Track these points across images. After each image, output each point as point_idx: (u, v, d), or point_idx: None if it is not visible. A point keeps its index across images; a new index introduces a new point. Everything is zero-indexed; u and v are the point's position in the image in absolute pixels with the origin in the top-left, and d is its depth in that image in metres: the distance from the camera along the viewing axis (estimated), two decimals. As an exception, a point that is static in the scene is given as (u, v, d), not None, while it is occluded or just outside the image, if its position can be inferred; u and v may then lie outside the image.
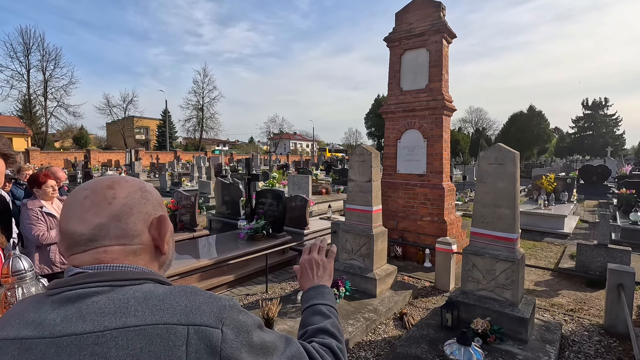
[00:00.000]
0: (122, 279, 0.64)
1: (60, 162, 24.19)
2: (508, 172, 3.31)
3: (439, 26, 5.72)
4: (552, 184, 9.33)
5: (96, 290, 0.62)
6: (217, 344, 0.60)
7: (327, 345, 0.81)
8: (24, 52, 35.11)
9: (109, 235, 0.67)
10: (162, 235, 0.74)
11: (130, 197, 0.71)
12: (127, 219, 0.69)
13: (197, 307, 0.62)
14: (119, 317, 0.58)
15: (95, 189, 0.69)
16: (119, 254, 0.68)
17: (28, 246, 3.26)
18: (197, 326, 0.60)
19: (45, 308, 0.62)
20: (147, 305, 0.60)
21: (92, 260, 0.67)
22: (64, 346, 0.56)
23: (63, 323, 0.58)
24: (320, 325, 0.87)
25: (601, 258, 4.96)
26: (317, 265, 1.04)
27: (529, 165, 25.75)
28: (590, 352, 3.31)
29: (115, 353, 0.55)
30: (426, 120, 5.97)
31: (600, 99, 52.47)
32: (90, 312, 0.59)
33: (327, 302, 0.95)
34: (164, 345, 0.57)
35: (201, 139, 50.07)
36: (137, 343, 0.56)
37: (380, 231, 4.49)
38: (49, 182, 3.25)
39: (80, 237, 0.67)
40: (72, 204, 0.69)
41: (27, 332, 0.59)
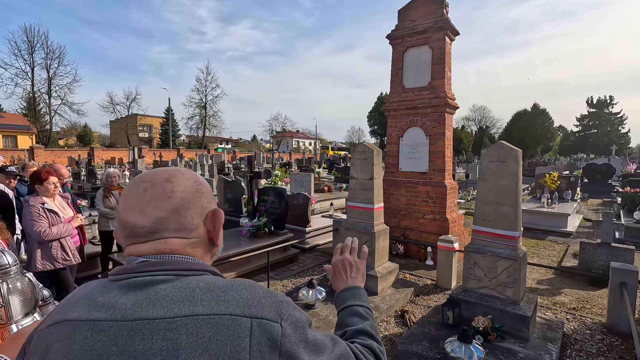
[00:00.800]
0: (185, 269, 0.67)
1: (64, 159, 24.33)
2: (510, 169, 3.30)
3: (442, 23, 5.69)
4: (556, 182, 9.28)
5: (162, 279, 0.64)
6: (278, 338, 0.62)
7: (369, 346, 0.82)
8: (28, 50, 35.38)
9: (168, 228, 0.69)
10: (217, 228, 0.76)
11: (187, 190, 0.72)
12: (185, 213, 0.70)
13: (258, 301, 0.65)
14: (187, 305, 0.61)
15: (154, 182, 0.71)
16: (177, 246, 0.70)
17: (30, 242, 3.28)
18: (260, 319, 0.62)
19: (113, 292, 0.64)
20: (212, 295, 0.63)
21: (152, 250, 0.69)
22: (137, 329, 0.59)
23: (134, 307, 0.61)
24: (360, 327, 0.88)
25: (604, 257, 4.93)
26: (351, 266, 1.04)
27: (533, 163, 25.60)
28: (592, 350, 3.30)
29: (185, 339, 0.58)
30: (428, 118, 5.95)
31: (605, 97, 52.10)
32: (159, 299, 0.61)
33: (363, 304, 0.96)
34: (230, 335, 0.59)
35: (204, 136, 50.19)
36: (205, 331, 0.59)
37: (381, 229, 4.49)
38: (50, 178, 3.27)
39: (141, 230, 0.68)
40: (131, 196, 0.70)
41: (99, 314, 0.61)
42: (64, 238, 3.31)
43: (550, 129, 46.09)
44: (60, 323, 0.62)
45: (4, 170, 4.10)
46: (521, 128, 44.81)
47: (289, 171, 15.88)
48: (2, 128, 32.86)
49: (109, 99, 45.50)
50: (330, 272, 1.07)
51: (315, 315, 3.64)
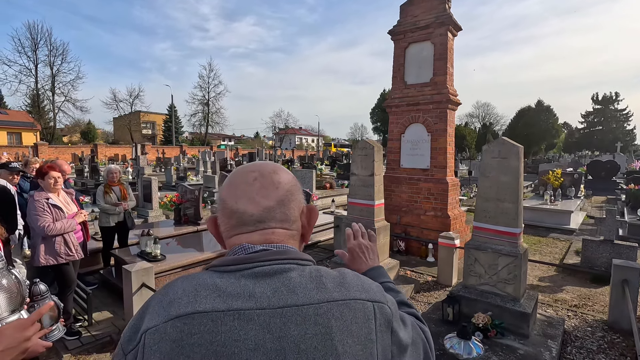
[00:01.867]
0: (300, 259, 0.69)
1: (68, 156, 24.45)
2: (511, 166, 3.28)
3: (444, 18, 5.64)
4: (559, 179, 9.22)
5: (289, 267, 0.66)
6: (390, 318, 0.68)
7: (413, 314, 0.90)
8: (32, 47, 35.50)
9: (275, 218, 0.71)
10: (311, 224, 0.78)
11: (290, 183, 0.74)
12: (289, 205, 0.73)
13: (369, 286, 0.70)
14: (323, 292, 0.64)
15: (263, 173, 0.72)
16: (283, 237, 0.72)
17: (34, 237, 3.31)
18: (377, 302, 0.68)
19: (242, 282, 0.63)
20: (336, 282, 0.67)
21: (262, 240, 0.70)
22: (289, 316, 0.60)
23: (276, 295, 0.62)
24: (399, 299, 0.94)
25: (607, 254, 4.90)
26: (367, 249, 1.10)
27: (537, 160, 25.46)
28: (592, 347, 3.29)
29: (335, 323, 0.61)
30: (430, 114, 5.92)
31: (611, 93, 51.52)
32: (296, 286, 0.63)
33: (391, 281, 1.04)
34: (363, 317, 0.64)
35: (207, 133, 50.26)
36: (347, 315, 0.63)
37: (382, 225, 4.48)
38: (51, 173, 3.28)
39: (250, 218, 0.69)
40: (240, 184, 0.71)
41: (240, 303, 0.60)
42: (68, 233, 3.33)
43: (554, 125, 45.69)
44: (189, 316, 0.59)
45: (7, 166, 4.13)
46: (525, 125, 44.46)
47: (291, 168, 15.88)
48: (7, 125, 33.06)
49: (112, 95, 45.63)
50: (345, 258, 1.12)
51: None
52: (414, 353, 0.74)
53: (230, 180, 0.74)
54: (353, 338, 0.61)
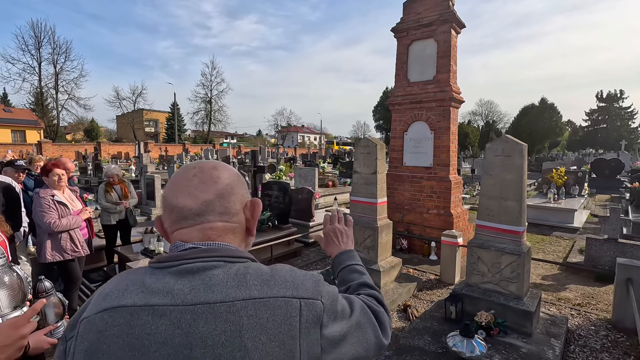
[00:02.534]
0: (231, 256, 0.70)
1: (72, 154, 24.58)
2: (515, 164, 3.26)
3: (448, 16, 5.61)
4: (563, 177, 9.16)
5: (213, 265, 0.67)
6: (321, 313, 0.69)
7: (372, 295, 0.94)
8: (36, 45, 35.58)
9: (214, 211, 0.73)
10: (255, 217, 0.80)
11: (231, 178, 0.77)
12: (229, 198, 0.75)
13: (301, 282, 0.71)
14: (242, 290, 0.65)
15: (202, 169, 0.75)
16: (222, 231, 0.73)
17: (40, 234, 3.34)
18: (306, 299, 0.68)
19: (166, 279, 0.66)
20: (262, 280, 0.68)
21: (200, 236, 0.72)
22: (200, 313, 0.62)
23: (192, 292, 0.64)
24: (361, 281, 1.01)
25: (611, 252, 4.88)
26: (341, 233, 1.16)
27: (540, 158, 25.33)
28: (596, 346, 3.28)
29: (247, 321, 0.62)
30: (433, 112, 5.89)
31: (616, 91, 51.11)
32: (215, 284, 0.65)
33: (360, 263, 1.09)
34: (284, 315, 0.65)
35: (209, 131, 50.32)
36: (263, 312, 0.64)
37: (385, 223, 4.48)
38: (55, 170, 3.31)
39: (189, 212, 0.71)
40: (180, 181, 0.74)
41: (157, 299, 0.63)
42: (73, 230, 3.36)
43: (558, 123, 45.36)
44: (114, 309, 0.64)
45: (12, 164, 4.16)
46: (528, 123, 44.17)
47: (293, 166, 15.89)
48: (11, 123, 33.24)
49: (115, 94, 45.75)
50: (321, 242, 1.19)
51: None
52: (360, 337, 0.76)
53: (171, 178, 0.77)
54: (268, 335, 0.62)
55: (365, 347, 0.77)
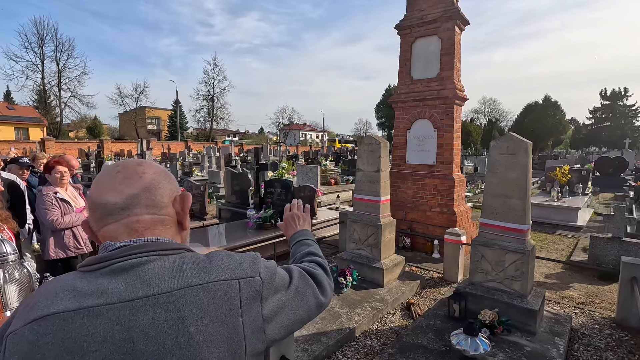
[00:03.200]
0: (165, 249, 0.71)
1: (75, 151, 24.64)
2: (520, 162, 3.24)
3: (452, 13, 5.57)
4: (566, 175, 9.12)
5: (148, 259, 0.68)
6: (260, 287, 0.75)
7: (314, 260, 1.04)
8: (38, 43, 35.68)
9: (140, 204, 0.73)
10: (185, 210, 0.81)
11: (156, 174, 0.77)
12: (156, 191, 0.75)
13: (239, 263, 0.76)
14: (179, 279, 0.67)
15: (126, 166, 0.76)
16: (150, 223, 0.73)
17: (43, 231, 3.35)
18: (244, 278, 0.73)
19: (99, 280, 0.65)
20: (199, 267, 0.70)
21: (126, 230, 0.71)
22: (138, 307, 0.63)
23: (129, 289, 0.64)
24: (307, 250, 1.11)
25: (615, 251, 4.86)
26: (298, 217, 1.28)
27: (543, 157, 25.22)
28: (600, 345, 3.27)
29: (187, 307, 0.65)
30: (437, 109, 5.87)
31: (620, 89, 50.69)
32: (152, 278, 0.66)
33: (309, 237, 1.19)
34: (224, 297, 0.69)
35: (211, 129, 50.36)
36: (203, 297, 0.67)
37: (388, 221, 4.47)
38: (58, 167, 3.32)
39: (114, 206, 0.71)
40: (104, 179, 0.74)
41: (91, 301, 0.63)
42: (77, 227, 3.37)
43: (561, 121, 45.05)
44: (43, 319, 0.62)
45: (17, 161, 4.17)
46: (532, 121, 43.93)
47: (295, 164, 15.88)
48: (14, 120, 33.36)
49: (117, 91, 45.88)
50: (282, 227, 1.30)
51: (321, 306, 3.66)
52: (299, 301, 0.83)
53: (95, 178, 0.77)
54: (210, 318, 0.66)
55: (306, 309, 0.85)
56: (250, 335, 0.71)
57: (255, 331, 0.72)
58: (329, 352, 3.05)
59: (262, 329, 0.73)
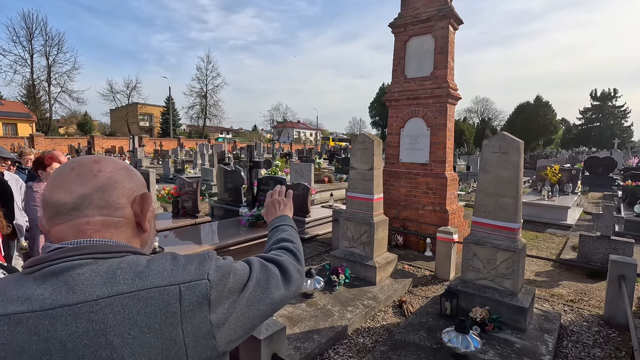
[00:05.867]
0: (104, 252, 0.66)
1: (65, 147, 24.28)
2: (512, 161, 3.27)
3: (446, 11, 5.59)
4: (557, 175, 9.24)
5: (79, 263, 0.63)
6: (207, 291, 0.67)
7: (283, 247, 0.99)
8: (27, 37, 34.99)
9: (92, 205, 0.69)
10: (144, 211, 0.76)
11: (115, 172, 0.73)
12: (111, 192, 0.71)
13: (183, 267, 0.68)
14: (109, 287, 0.61)
15: (82, 163, 0.72)
16: (100, 226, 0.69)
17: (33, 228, 3.28)
18: (187, 283, 0.66)
19: (28, 284, 0.62)
20: (134, 273, 0.64)
21: (74, 232, 0.68)
22: (58, 317, 0.58)
23: (53, 296, 0.60)
24: (279, 237, 1.07)
25: (603, 249, 4.93)
26: (279, 203, 1.25)
27: (534, 156, 25.51)
28: (588, 342, 3.32)
29: (112, 317, 0.59)
30: (430, 108, 5.89)
31: (610, 89, 51.53)
32: (79, 284, 0.61)
33: (286, 223, 1.15)
34: (159, 305, 0.62)
35: (204, 126, 50.00)
36: (132, 307, 0.61)
37: (381, 219, 4.48)
38: (54, 164, 3.26)
39: (64, 206, 0.68)
40: (58, 176, 0.70)
41: (14, 307, 0.59)
42: None
43: (552, 121, 45.67)
44: None
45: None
46: (524, 120, 44.44)
47: (289, 161, 15.84)
48: (2, 116, 32.73)
49: (109, 87, 45.23)
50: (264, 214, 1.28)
51: (314, 304, 3.66)
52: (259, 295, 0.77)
53: (52, 174, 0.73)
54: (140, 329, 0.60)
55: (268, 302, 0.78)
56: (192, 343, 0.65)
57: (201, 338, 0.66)
58: (321, 350, 3.05)
59: (210, 335, 0.67)
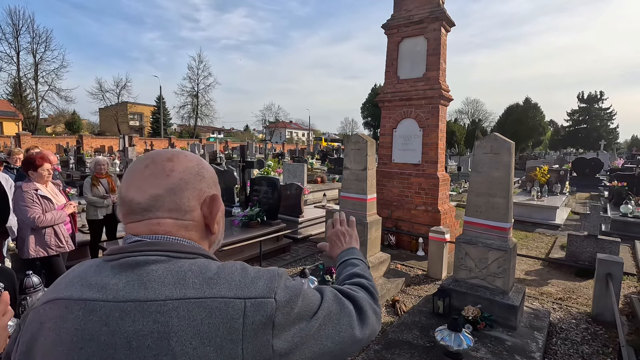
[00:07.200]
0: (177, 251, 0.66)
1: (52, 147, 23.83)
2: (503, 161, 3.32)
3: (438, 14, 5.65)
4: (546, 175, 9.40)
5: (154, 259, 0.64)
6: (272, 312, 0.62)
7: (357, 283, 0.89)
8: (13, 34, 34.31)
9: (163, 207, 0.69)
10: (214, 214, 0.75)
11: (187, 172, 0.71)
12: (182, 194, 0.70)
13: (251, 281, 0.65)
14: (178, 288, 0.60)
15: (155, 160, 0.71)
16: (171, 227, 0.69)
17: (23, 229, 3.23)
18: (253, 299, 0.62)
19: (106, 272, 0.64)
20: (204, 278, 0.62)
21: (147, 231, 0.68)
22: (128, 311, 0.59)
23: (126, 288, 0.61)
24: (351, 272, 0.97)
25: (591, 249, 5.04)
26: (343, 234, 1.13)
27: (524, 157, 25.91)
28: (577, 339, 3.39)
29: (177, 322, 0.58)
30: (423, 109, 5.94)
31: (596, 92, 52.53)
32: (151, 280, 0.61)
33: (356, 257, 1.05)
34: (222, 318, 0.59)
35: (196, 126, 49.62)
36: (197, 314, 0.58)
37: (374, 219, 4.51)
38: (45, 165, 3.21)
39: (137, 206, 0.68)
40: (132, 172, 0.71)
41: (91, 294, 0.61)
42: (58, 225, 3.27)
43: (541, 123, 46.43)
44: (54, 301, 0.63)
45: None
46: (513, 122, 45.08)
47: (282, 162, 15.81)
48: (-13, 114, 32.00)
49: (98, 85, 44.58)
50: (326, 248, 1.15)
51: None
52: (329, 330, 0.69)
53: (127, 168, 0.74)
54: (201, 339, 0.57)
55: (338, 341, 0.70)
56: None
57: None
58: (316, 349, 3.06)
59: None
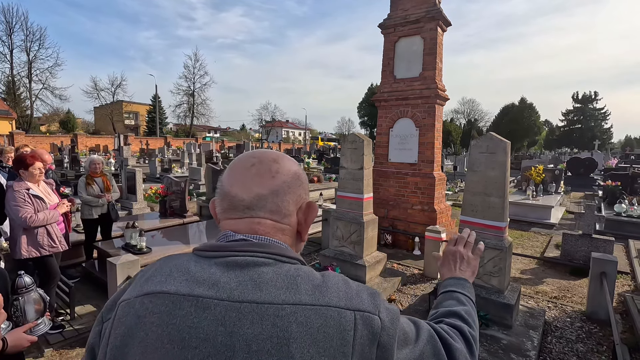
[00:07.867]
0: (282, 255, 0.65)
1: (47, 146, 23.62)
2: (499, 161, 3.34)
3: (435, 13, 5.66)
4: (541, 175, 9.46)
5: (264, 261, 0.62)
6: (378, 331, 0.60)
7: (458, 328, 0.78)
8: (6, 32, 33.93)
9: (265, 207, 0.68)
10: (308, 221, 0.74)
11: (290, 175, 0.71)
12: (284, 197, 0.70)
13: (357, 293, 0.63)
14: (292, 293, 0.59)
15: (262, 160, 0.71)
16: (270, 229, 0.69)
17: (14, 228, 3.19)
18: (362, 312, 0.60)
19: (212, 269, 0.62)
20: (313, 285, 0.61)
21: (247, 230, 0.67)
22: (246, 312, 0.57)
23: (240, 288, 0.59)
24: (454, 309, 0.85)
25: (585, 247, 5.08)
26: (462, 259, 1.01)
27: (519, 157, 26.08)
28: (571, 337, 3.42)
29: (296, 328, 0.55)
30: (419, 109, 5.95)
31: (590, 92, 53.00)
32: (264, 282, 0.59)
33: (465, 293, 0.92)
34: (337, 328, 0.57)
35: (192, 125, 49.41)
36: (314, 322, 0.56)
37: (370, 219, 4.51)
38: (36, 164, 3.17)
39: (240, 203, 0.68)
40: (238, 169, 0.71)
41: (202, 290, 0.59)
42: (50, 225, 3.23)
43: (536, 123, 46.77)
44: (155, 295, 0.61)
45: None
46: (509, 121, 45.38)
47: (278, 161, 15.76)
48: (-20, 112, 31.62)
49: (93, 84, 44.22)
50: (439, 260, 1.06)
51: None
52: None
53: (231, 164, 0.74)
54: (317, 348, 0.55)
55: None
56: None
57: None
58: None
59: None
